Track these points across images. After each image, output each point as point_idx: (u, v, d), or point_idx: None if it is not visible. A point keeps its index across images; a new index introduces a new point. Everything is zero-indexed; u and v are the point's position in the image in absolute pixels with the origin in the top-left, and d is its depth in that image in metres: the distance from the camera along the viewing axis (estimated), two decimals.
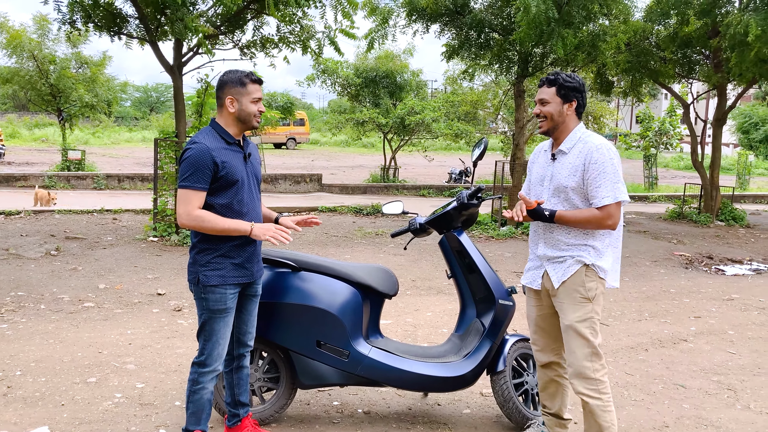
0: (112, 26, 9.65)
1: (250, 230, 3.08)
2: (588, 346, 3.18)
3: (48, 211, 11.78)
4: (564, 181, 3.21)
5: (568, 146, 3.24)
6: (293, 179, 17.83)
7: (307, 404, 4.12)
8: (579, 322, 3.18)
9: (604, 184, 3.11)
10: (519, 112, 12.20)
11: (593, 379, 3.17)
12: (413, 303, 6.68)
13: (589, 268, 3.19)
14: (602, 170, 3.11)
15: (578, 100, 3.27)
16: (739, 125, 37.46)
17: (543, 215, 3.19)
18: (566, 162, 3.23)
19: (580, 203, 3.21)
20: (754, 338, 5.90)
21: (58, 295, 6.47)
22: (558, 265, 3.26)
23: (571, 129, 3.27)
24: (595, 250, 3.20)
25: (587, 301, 3.19)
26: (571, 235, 3.22)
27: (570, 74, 3.26)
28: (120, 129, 44.44)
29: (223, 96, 3.15)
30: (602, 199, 3.11)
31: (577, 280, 3.20)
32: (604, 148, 3.14)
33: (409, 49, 19.48)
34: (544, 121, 3.30)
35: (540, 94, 3.30)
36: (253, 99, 3.16)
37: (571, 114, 3.27)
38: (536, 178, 3.42)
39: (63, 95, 17.85)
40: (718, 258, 9.94)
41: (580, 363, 3.19)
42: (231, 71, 3.19)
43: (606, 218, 3.12)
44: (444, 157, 31.34)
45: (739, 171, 23.13)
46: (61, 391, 4.18)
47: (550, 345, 3.46)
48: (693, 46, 12.95)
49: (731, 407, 4.34)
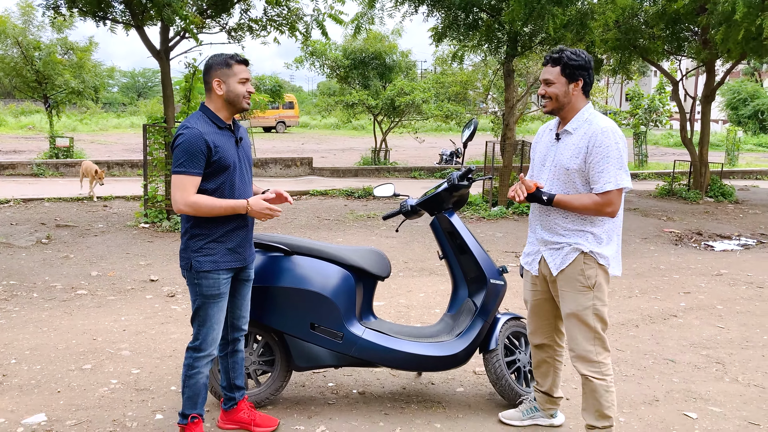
0: (97, 11, 9.55)
1: (247, 206, 3.08)
2: (591, 332, 3.15)
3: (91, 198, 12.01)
4: (566, 163, 3.12)
5: (574, 127, 3.13)
6: (284, 163, 17.77)
7: (302, 386, 4.16)
8: (581, 310, 3.14)
9: (607, 169, 3.00)
10: (509, 92, 12.19)
11: (596, 362, 3.16)
12: (406, 284, 6.72)
13: (587, 255, 3.11)
14: (606, 154, 3.00)
15: (585, 78, 3.11)
16: (728, 101, 37.55)
17: (541, 199, 3.11)
18: (570, 143, 3.13)
19: (582, 187, 3.11)
20: (743, 312, 5.98)
21: (51, 283, 6.46)
22: (555, 252, 3.20)
23: (579, 109, 3.15)
24: (594, 237, 3.12)
25: (588, 289, 3.12)
26: (569, 220, 3.15)
27: (575, 51, 3.11)
28: (108, 115, 44.01)
29: (210, 79, 3.13)
30: (604, 184, 3.00)
31: (575, 269, 3.14)
32: (609, 132, 3.03)
33: (397, 29, 19.38)
34: (549, 102, 3.16)
35: (544, 73, 3.17)
36: (240, 79, 3.14)
37: (577, 93, 3.13)
38: (539, 158, 3.34)
39: (49, 81, 17.66)
40: (707, 234, 10.03)
41: (582, 347, 3.17)
42: (216, 54, 3.18)
43: (606, 205, 3.02)
44: (435, 139, 31.30)
45: (728, 147, 23.24)
46: (57, 378, 4.20)
47: (543, 328, 3.47)
48: (681, 23, 12.94)
49: (720, 380, 4.42)
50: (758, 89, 37.77)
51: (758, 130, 36.08)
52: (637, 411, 3.91)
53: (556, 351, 3.52)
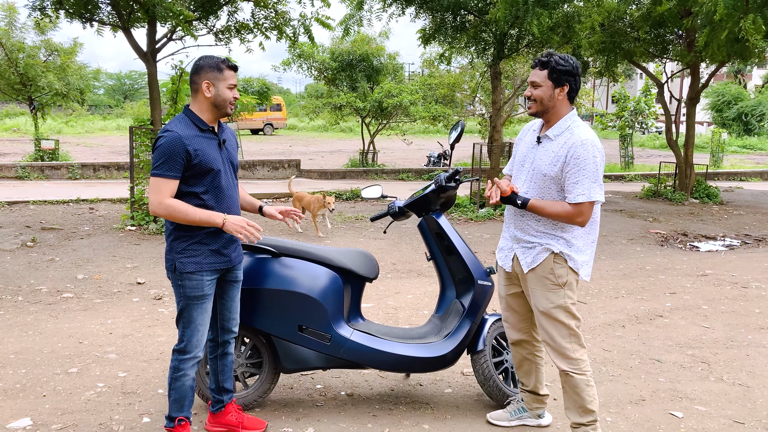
0: (83, 12, 9.49)
1: (222, 223, 3.06)
2: (565, 328, 3.20)
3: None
4: (544, 169, 3.17)
5: (555, 133, 3.18)
6: (271, 165, 17.72)
7: (291, 388, 4.15)
8: (553, 308, 3.20)
9: (582, 181, 3.06)
10: (495, 94, 12.23)
11: (574, 359, 3.21)
12: (394, 286, 6.73)
13: (558, 255, 3.18)
14: (582, 167, 3.05)
15: (571, 84, 3.16)
16: (713, 104, 37.91)
17: (515, 203, 3.18)
18: (550, 149, 3.17)
19: (557, 193, 3.17)
20: (727, 312, 6.04)
21: (36, 287, 6.40)
22: (527, 251, 3.26)
23: (562, 115, 3.19)
24: (565, 241, 3.19)
25: (559, 287, 3.19)
26: (541, 224, 3.22)
27: (564, 56, 3.15)
28: (94, 117, 43.69)
29: (200, 81, 3.12)
30: (577, 196, 3.07)
31: (546, 268, 3.20)
32: (589, 144, 3.06)
33: (384, 32, 19.40)
34: (534, 104, 3.22)
35: (532, 76, 3.21)
36: (228, 85, 3.14)
37: (562, 99, 3.17)
38: (519, 158, 3.39)
39: (33, 83, 17.49)
40: (692, 235, 10.12)
41: (558, 345, 3.22)
42: (207, 56, 3.17)
43: (576, 215, 3.09)
44: (422, 141, 31.35)
45: (713, 149, 23.45)
46: (42, 382, 4.16)
47: (520, 323, 3.52)
48: (666, 26, 13.06)
49: (705, 379, 4.46)
50: (742, 92, 38.20)
51: (742, 132, 36.44)
52: (624, 410, 3.94)
53: (534, 347, 3.56)
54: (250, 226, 3.09)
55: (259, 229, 3.13)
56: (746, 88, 41.21)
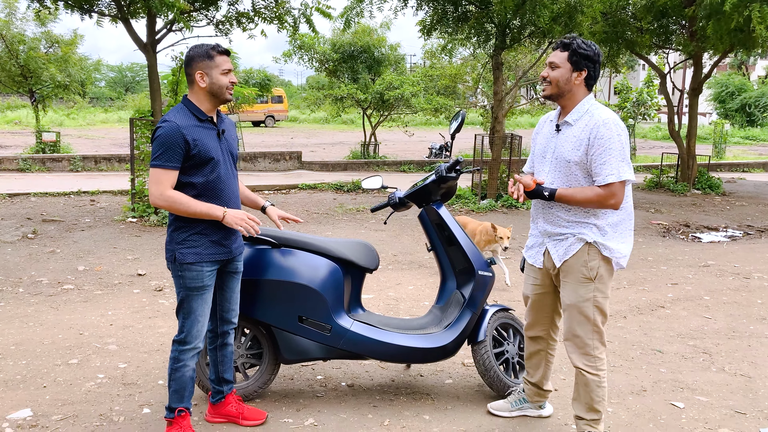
0: (83, 3, 9.44)
1: (222, 216, 3.06)
2: (590, 324, 3.14)
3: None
4: (567, 155, 3.09)
5: (574, 118, 3.10)
6: (273, 157, 17.69)
7: (291, 379, 4.15)
8: (582, 302, 3.12)
9: (609, 161, 2.96)
10: (497, 85, 12.19)
11: (592, 356, 3.17)
12: (395, 277, 6.72)
13: (591, 246, 3.09)
14: (608, 146, 2.97)
15: (590, 70, 3.09)
16: (715, 94, 37.75)
17: (543, 195, 3.09)
18: (571, 134, 3.10)
19: (583, 179, 3.08)
20: (729, 303, 6.03)
21: (37, 278, 6.40)
22: (559, 243, 3.18)
23: (579, 100, 3.12)
24: (598, 228, 3.09)
25: (589, 281, 3.11)
26: (572, 213, 3.13)
27: (587, 41, 3.08)
28: (95, 110, 43.63)
29: (192, 72, 3.09)
30: (606, 177, 2.96)
31: (579, 259, 3.11)
32: (611, 123, 2.99)
33: (386, 23, 19.32)
34: (548, 86, 3.14)
35: (551, 57, 3.13)
36: (222, 71, 3.10)
37: (579, 84, 3.10)
38: (539, 150, 3.31)
39: (34, 75, 17.45)
40: (694, 226, 10.09)
41: (580, 340, 3.17)
42: (197, 46, 3.12)
43: (609, 197, 2.99)
44: (424, 132, 31.27)
45: (715, 140, 23.38)
46: (43, 373, 4.16)
47: (540, 322, 3.47)
48: (669, 16, 12.98)
49: (706, 370, 4.45)
50: (745, 83, 38.01)
51: (745, 124, 36.31)
52: (625, 401, 3.93)
53: (549, 344, 3.52)
54: (250, 219, 3.09)
55: (259, 223, 3.14)
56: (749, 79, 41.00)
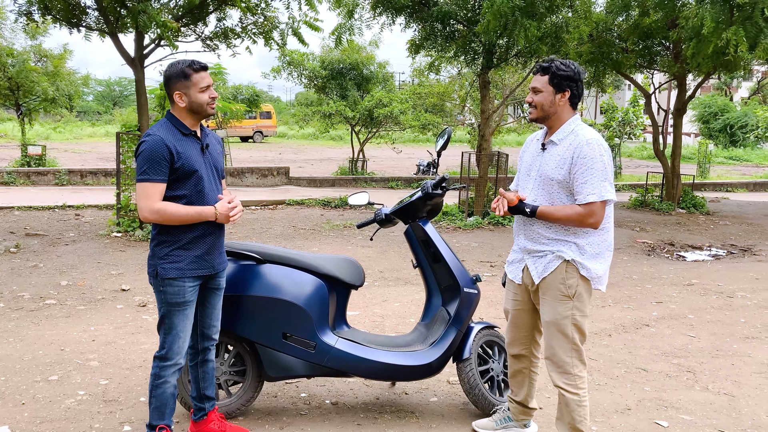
0: (71, 18, 9.43)
1: (214, 215, 3.07)
2: (568, 342, 3.15)
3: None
4: (551, 173, 3.12)
5: (560, 137, 3.15)
6: (260, 172, 17.66)
7: (275, 397, 4.11)
8: (561, 320, 3.14)
9: (591, 180, 3.02)
10: (484, 103, 12.27)
11: (572, 375, 3.17)
12: (381, 294, 6.70)
13: (569, 264, 3.12)
14: (590, 166, 3.01)
15: (572, 89, 3.13)
16: (699, 115, 38.23)
17: (524, 211, 3.12)
18: (555, 153, 3.14)
19: (566, 198, 3.12)
20: (713, 322, 6.06)
21: (18, 293, 6.32)
22: (538, 260, 3.20)
23: (565, 120, 3.16)
24: (577, 247, 3.12)
25: (567, 298, 3.13)
26: (552, 230, 3.16)
27: (565, 61, 3.12)
28: (82, 124, 43.41)
29: (171, 92, 3.10)
30: (587, 195, 3.02)
31: (557, 277, 3.14)
32: (594, 143, 3.04)
33: (374, 40, 19.43)
34: (534, 110, 3.18)
35: (533, 81, 3.18)
36: (200, 88, 3.09)
37: (564, 104, 3.14)
38: (525, 168, 3.34)
39: (23, 89, 17.35)
40: (679, 245, 10.17)
41: (559, 358, 3.17)
42: (172, 64, 3.10)
43: (588, 216, 3.03)
44: (412, 149, 31.37)
45: (700, 160, 23.62)
46: (22, 390, 4.10)
47: (521, 339, 3.47)
48: (654, 38, 13.17)
49: (690, 389, 4.46)
50: (728, 103, 38.54)
51: (728, 144, 36.76)
52: (610, 420, 3.93)
53: (532, 362, 3.52)
54: (234, 207, 3.13)
55: (242, 210, 3.20)
56: (732, 100, 41.59)
